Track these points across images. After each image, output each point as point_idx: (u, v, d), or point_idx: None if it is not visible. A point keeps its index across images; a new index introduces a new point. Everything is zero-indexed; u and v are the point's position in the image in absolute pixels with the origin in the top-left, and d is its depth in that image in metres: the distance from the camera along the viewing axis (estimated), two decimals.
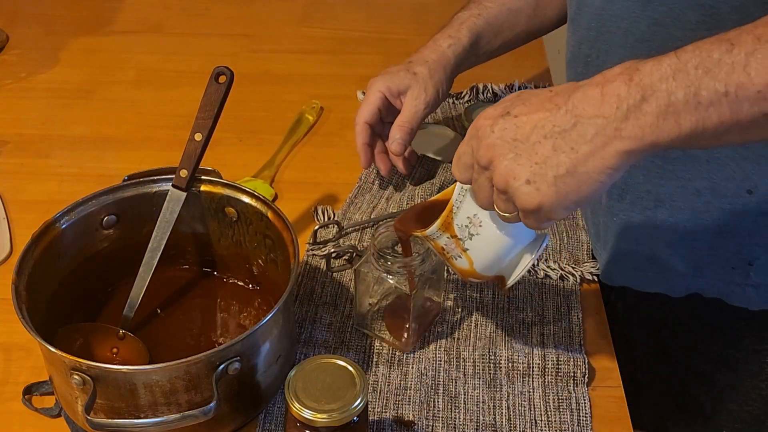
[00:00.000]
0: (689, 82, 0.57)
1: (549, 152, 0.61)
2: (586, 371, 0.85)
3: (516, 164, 0.63)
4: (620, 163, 0.60)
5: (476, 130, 0.66)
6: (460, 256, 0.75)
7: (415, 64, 1.02)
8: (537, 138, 0.62)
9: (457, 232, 0.73)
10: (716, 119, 0.57)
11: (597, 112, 0.60)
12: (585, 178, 0.61)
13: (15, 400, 0.82)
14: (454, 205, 0.73)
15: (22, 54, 1.36)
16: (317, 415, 0.67)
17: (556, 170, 0.61)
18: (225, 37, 1.41)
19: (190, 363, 0.71)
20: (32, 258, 0.79)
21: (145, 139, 1.18)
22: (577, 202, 0.62)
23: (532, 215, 0.64)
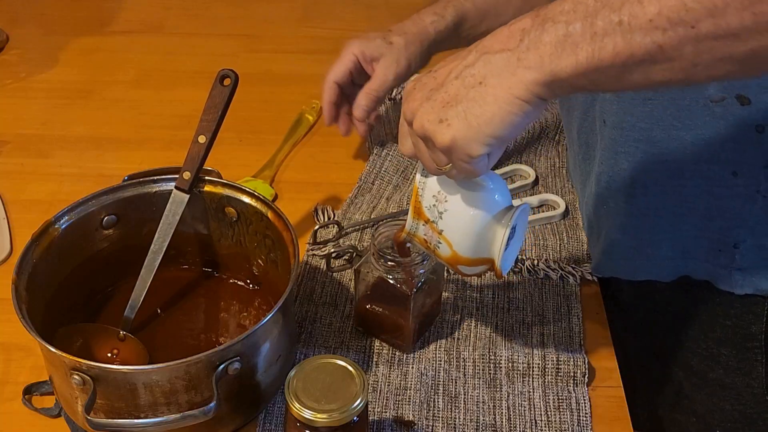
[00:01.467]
0: (587, 13, 0.58)
1: (459, 89, 0.63)
2: (586, 371, 0.85)
3: (430, 108, 0.65)
4: (527, 94, 0.61)
5: (404, 93, 0.69)
6: (440, 242, 0.74)
7: (393, 33, 1.04)
8: (449, 81, 0.64)
9: (428, 214, 0.73)
10: (611, 49, 0.57)
11: (503, 47, 0.62)
12: (493, 107, 0.62)
13: (15, 400, 0.82)
14: (418, 188, 0.73)
15: (22, 54, 1.36)
16: (317, 415, 0.67)
17: (466, 104, 0.63)
18: (225, 37, 1.41)
19: (190, 363, 0.71)
20: (32, 258, 0.79)
21: (145, 139, 1.18)
22: (493, 135, 0.63)
23: (452, 153, 0.65)
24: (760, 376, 0.90)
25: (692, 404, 0.96)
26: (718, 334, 0.91)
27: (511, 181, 1.10)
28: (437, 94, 0.65)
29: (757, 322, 0.88)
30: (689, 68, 0.57)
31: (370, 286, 0.86)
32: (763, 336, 0.89)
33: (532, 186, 1.08)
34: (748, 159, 0.80)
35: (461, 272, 0.76)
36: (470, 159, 0.65)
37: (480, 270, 0.76)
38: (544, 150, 1.14)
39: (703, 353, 0.93)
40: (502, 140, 0.64)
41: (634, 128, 0.84)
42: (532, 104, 0.62)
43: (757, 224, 0.83)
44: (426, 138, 0.66)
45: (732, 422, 0.94)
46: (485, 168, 0.66)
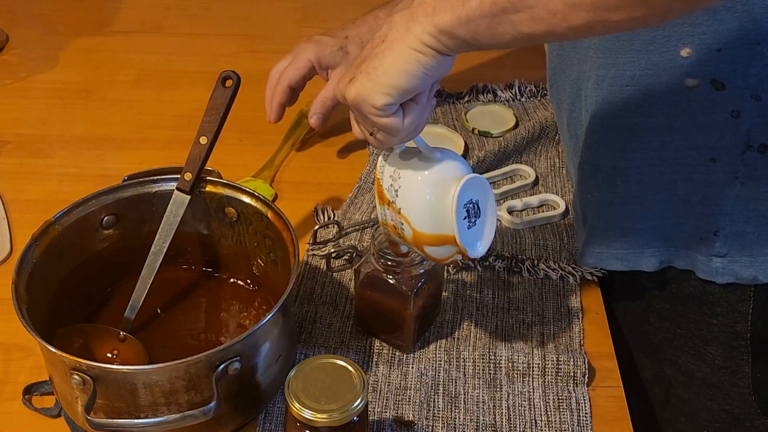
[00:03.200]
0: None
1: (368, 52, 0.69)
2: (586, 371, 0.85)
3: (347, 74, 0.70)
4: (418, 44, 0.66)
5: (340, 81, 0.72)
6: (402, 223, 0.75)
7: (350, 42, 1.06)
8: (365, 52, 0.69)
9: (388, 195, 0.75)
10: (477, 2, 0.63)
11: (403, 6, 0.68)
12: (390, 60, 0.67)
13: (15, 400, 0.82)
14: (378, 172, 0.76)
15: (22, 54, 1.35)
16: (317, 415, 0.67)
17: (369, 61, 0.68)
18: (225, 37, 1.41)
19: (190, 363, 0.71)
20: (32, 258, 0.79)
21: (145, 139, 1.18)
22: (392, 85, 0.67)
23: (362, 109, 0.69)
24: (747, 375, 0.91)
25: (680, 403, 0.97)
26: (705, 333, 0.92)
27: (511, 181, 1.10)
28: (354, 62, 0.70)
29: (743, 321, 0.89)
30: (548, 17, 0.62)
31: (371, 286, 0.86)
32: (749, 335, 0.89)
33: (532, 186, 1.08)
34: (725, 145, 0.82)
35: (431, 257, 0.76)
36: (377, 111, 0.68)
37: (449, 253, 0.75)
38: (544, 150, 1.14)
39: (690, 352, 0.93)
40: (404, 90, 0.68)
41: (613, 116, 0.85)
42: (426, 54, 0.66)
43: (735, 210, 0.85)
44: (344, 100, 0.71)
45: (719, 422, 0.94)
46: (398, 122, 0.70)
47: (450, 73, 1.34)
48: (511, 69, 1.31)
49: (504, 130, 1.16)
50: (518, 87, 1.24)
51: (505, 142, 1.12)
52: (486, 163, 1.09)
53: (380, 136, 0.72)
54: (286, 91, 1.07)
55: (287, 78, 1.06)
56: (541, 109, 1.20)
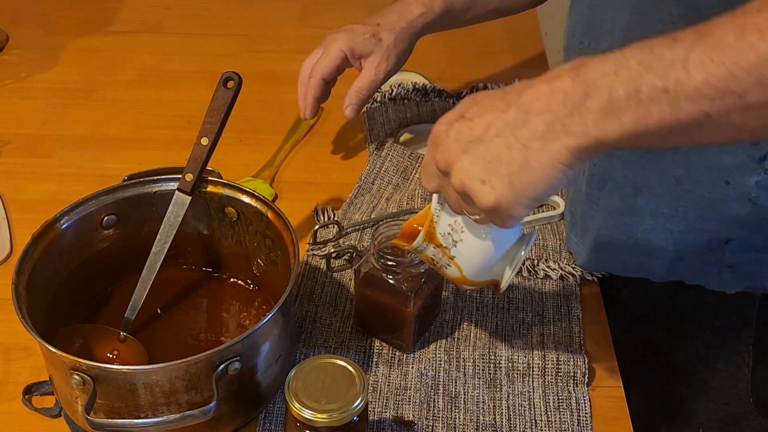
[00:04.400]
0: (630, 78, 0.57)
1: (501, 150, 0.62)
2: (586, 371, 0.85)
3: (470, 165, 0.63)
4: (570, 159, 0.60)
5: (434, 136, 0.66)
6: (449, 265, 0.75)
7: (382, 29, 1.02)
8: (489, 137, 0.62)
9: (442, 240, 0.73)
10: (657, 117, 0.56)
11: (545, 108, 0.60)
12: (538, 173, 0.61)
13: (15, 400, 0.82)
14: (434, 215, 0.73)
15: (22, 54, 1.35)
16: (317, 415, 0.67)
17: (509, 167, 0.61)
18: (225, 37, 1.41)
19: (190, 363, 0.71)
20: (32, 258, 0.79)
21: (145, 139, 1.18)
22: (535, 198, 0.62)
23: (494, 214, 0.64)
24: (746, 378, 0.90)
25: (678, 403, 0.96)
26: (708, 335, 0.91)
27: None
28: (477, 149, 0.63)
29: (747, 327, 0.88)
30: (736, 133, 0.56)
31: (371, 286, 0.86)
32: (753, 341, 0.89)
33: None
34: (740, 168, 0.80)
35: (461, 287, 0.78)
36: (510, 219, 0.64)
37: (480, 287, 0.77)
38: None
39: (691, 352, 0.93)
40: (542, 201, 0.65)
41: None
42: (573, 167, 0.61)
43: (747, 224, 0.84)
44: (465, 195, 0.65)
45: (716, 421, 0.94)
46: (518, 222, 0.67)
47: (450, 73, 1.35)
48: (511, 69, 1.31)
49: None
50: None
51: None
52: None
53: (483, 219, 0.68)
54: (319, 84, 1.03)
55: (320, 71, 1.02)
56: None
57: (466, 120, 0.64)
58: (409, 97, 1.23)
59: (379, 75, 1.02)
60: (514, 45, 1.38)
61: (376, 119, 1.20)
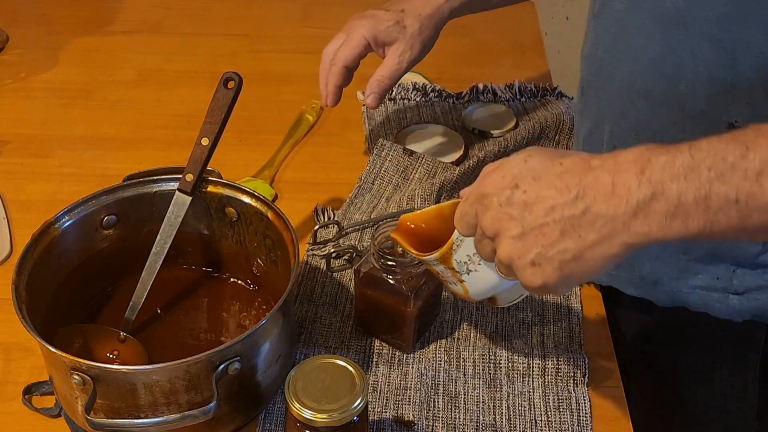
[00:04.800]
0: (700, 185, 0.56)
1: (556, 236, 0.61)
2: (586, 371, 0.85)
3: (522, 243, 0.63)
4: (625, 253, 0.60)
5: (482, 196, 0.65)
6: (455, 284, 0.75)
7: (407, 15, 0.98)
8: (545, 220, 0.61)
9: (455, 266, 0.73)
10: (725, 223, 0.56)
11: (607, 204, 0.59)
12: (590, 263, 0.61)
13: (15, 400, 0.82)
14: (454, 243, 0.72)
15: (22, 54, 1.35)
16: (317, 415, 0.67)
17: (563, 255, 0.61)
18: (225, 37, 1.41)
19: (190, 363, 0.71)
20: (32, 258, 0.79)
21: (145, 139, 1.18)
22: (580, 281, 0.64)
23: (534, 291, 0.65)
24: (752, 401, 0.89)
25: (681, 419, 0.95)
26: (715, 358, 0.90)
27: None
28: (531, 231, 0.62)
29: (755, 351, 0.87)
30: None
31: (371, 286, 0.86)
32: (760, 365, 0.87)
33: None
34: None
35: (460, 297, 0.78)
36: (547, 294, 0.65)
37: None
38: None
39: (696, 371, 0.92)
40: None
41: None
42: (624, 256, 0.61)
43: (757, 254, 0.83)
44: (510, 268, 0.65)
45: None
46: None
47: (450, 73, 1.35)
48: (511, 69, 1.31)
49: (504, 130, 1.16)
50: (518, 87, 1.23)
51: (505, 142, 1.12)
52: (486, 163, 1.09)
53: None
54: (342, 72, 0.99)
55: (342, 58, 0.98)
56: (541, 110, 1.20)
57: (521, 192, 0.63)
58: (409, 97, 1.23)
59: (403, 64, 0.98)
60: (514, 45, 1.38)
61: (376, 119, 1.20)
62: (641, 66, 0.80)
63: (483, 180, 0.66)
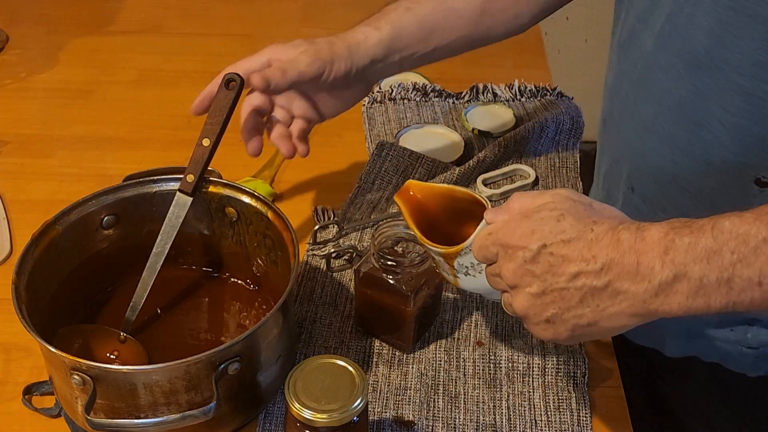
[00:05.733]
0: (723, 268, 0.57)
1: (575, 302, 0.62)
2: (586, 371, 0.85)
3: (540, 302, 0.64)
4: (639, 323, 0.62)
5: (507, 246, 0.65)
6: (447, 273, 0.75)
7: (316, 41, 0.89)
8: (567, 285, 0.62)
9: (456, 266, 0.73)
10: (747, 303, 0.57)
11: (630, 282, 0.60)
12: (602, 330, 0.63)
13: (15, 400, 0.82)
14: (464, 249, 0.72)
15: (22, 54, 1.35)
16: (317, 415, 0.67)
17: (578, 320, 0.63)
18: (225, 37, 1.41)
19: (189, 363, 0.71)
20: (32, 258, 0.79)
21: (145, 139, 1.18)
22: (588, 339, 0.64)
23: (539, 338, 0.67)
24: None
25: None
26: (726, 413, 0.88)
27: (511, 181, 1.10)
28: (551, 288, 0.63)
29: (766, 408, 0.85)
30: None
31: (371, 285, 0.86)
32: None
33: (532, 186, 1.08)
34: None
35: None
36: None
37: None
38: (544, 150, 1.14)
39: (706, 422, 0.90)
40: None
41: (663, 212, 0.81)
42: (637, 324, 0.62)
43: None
44: (524, 319, 0.66)
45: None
46: None
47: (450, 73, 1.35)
48: (511, 69, 1.31)
49: (504, 130, 1.16)
50: (518, 87, 1.24)
51: (505, 142, 1.12)
52: (486, 163, 1.09)
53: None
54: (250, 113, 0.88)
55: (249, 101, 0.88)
56: (542, 110, 1.20)
57: (548, 254, 0.63)
58: (409, 97, 1.23)
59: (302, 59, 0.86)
60: (514, 45, 1.37)
61: (376, 119, 1.20)
62: (666, 108, 0.78)
63: (510, 228, 0.65)
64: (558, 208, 0.64)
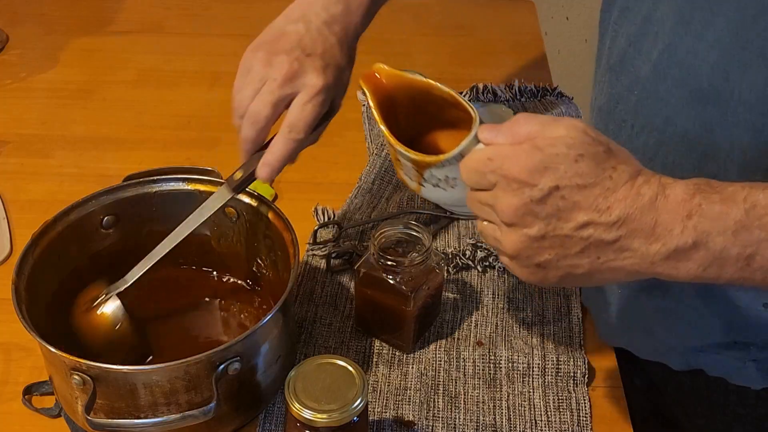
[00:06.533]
0: (748, 243, 0.54)
1: (575, 251, 0.58)
2: (586, 371, 0.85)
3: (538, 245, 0.58)
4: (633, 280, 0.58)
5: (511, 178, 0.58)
6: (411, 179, 0.68)
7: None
8: (573, 233, 0.58)
9: (426, 176, 0.67)
10: (759, 280, 0.55)
11: (642, 240, 0.56)
12: (594, 281, 0.59)
13: (15, 400, 0.82)
14: (442, 161, 0.65)
15: (22, 54, 1.35)
16: (317, 415, 0.67)
17: (573, 269, 0.59)
18: (225, 37, 1.41)
19: (189, 363, 0.71)
20: (32, 258, 0.79)
21: (145, 139, 1.18)
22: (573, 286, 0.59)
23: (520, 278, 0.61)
24: None
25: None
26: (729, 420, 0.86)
27: None
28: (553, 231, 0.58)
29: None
30: None
31: (371, 285, 0.86)
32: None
33: None
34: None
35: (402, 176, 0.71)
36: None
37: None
38: None
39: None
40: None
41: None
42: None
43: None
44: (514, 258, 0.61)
45: None
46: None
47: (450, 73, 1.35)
48: (511, 69, 1.31)
49: None
50: (518, 87, 1.23)
51: None
52: None
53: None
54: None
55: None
56: (541, 110, 1.20)
57: (559, 198, 0.57)
58: None
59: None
60: (514, 45, 1.38)
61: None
62: (668, 138, 0.74)
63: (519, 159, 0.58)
64: (575, 145, 0.58)
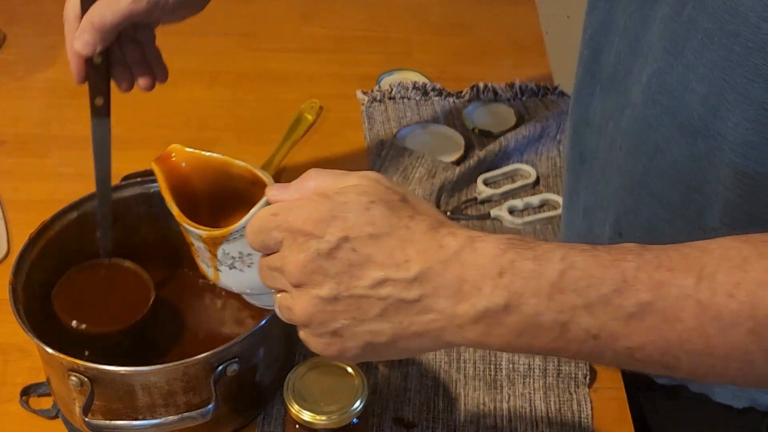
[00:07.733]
0: (562, 309, 0.48)
1: (374, 314, 0.51)
2: (587, 372, 0.84)
3: (330, 308, 0.52)
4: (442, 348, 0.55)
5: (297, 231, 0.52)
6: (207, 265, 0.64)
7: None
8: (368, 292, 0.51)
9: (220, 256, 0.62)
10: (573, 352, 0.50)
11: (448, 301, 0.50)
12: (399, 352, 0.53)
13: (12, 401, 0.82)
14: (231, 234, 0.60)
15: (20, 53, 1.35)
16: (316, 417, 0.66)
17: (373, 337, 0.52)
18: (225, 37, 1.40)
19: (188, 364, 0.70)
20: (29, 258, 0.79)
21: (143, 138, 1.17)
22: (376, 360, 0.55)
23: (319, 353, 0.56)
24: None
25: None
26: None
27: (511, 180, 1.09)
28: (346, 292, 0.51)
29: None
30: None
31: None
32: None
33: (533, 186, 1.08)
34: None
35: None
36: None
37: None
38: (545, 149, 1.13)
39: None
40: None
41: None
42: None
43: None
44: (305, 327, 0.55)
45: None
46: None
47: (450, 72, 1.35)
48: (511, 68, 1.30)
49: (505, 129, 1.16)
50: (519, 86, 1.23)
51: (506, 141, 1.11)
52: (486, 162, 1.09)
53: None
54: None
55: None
56: (542, 109, 1.20)
57: (350, 249, 0.51)
58: (408, 96, 1.22)
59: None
60: (515, 44, 1.37)
61: (376, 119, 1.19)
62: (657, 167, 0.70)
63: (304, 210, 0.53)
64: (367, 192, 0.52)
